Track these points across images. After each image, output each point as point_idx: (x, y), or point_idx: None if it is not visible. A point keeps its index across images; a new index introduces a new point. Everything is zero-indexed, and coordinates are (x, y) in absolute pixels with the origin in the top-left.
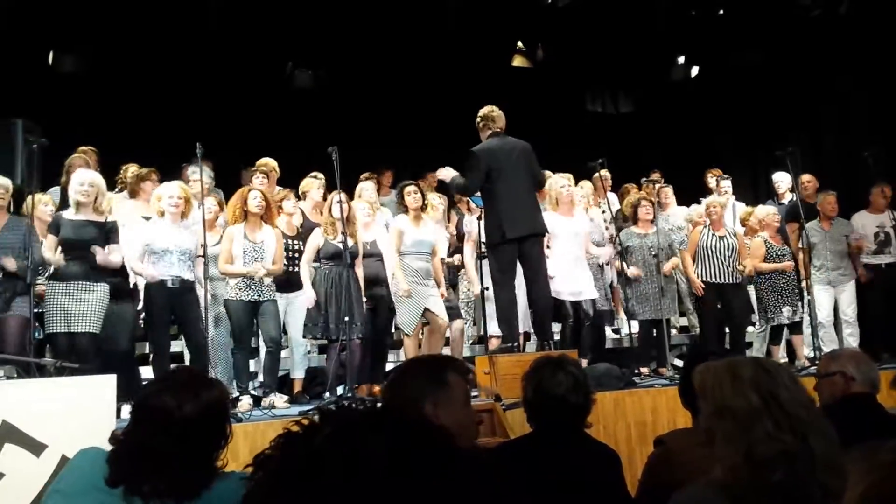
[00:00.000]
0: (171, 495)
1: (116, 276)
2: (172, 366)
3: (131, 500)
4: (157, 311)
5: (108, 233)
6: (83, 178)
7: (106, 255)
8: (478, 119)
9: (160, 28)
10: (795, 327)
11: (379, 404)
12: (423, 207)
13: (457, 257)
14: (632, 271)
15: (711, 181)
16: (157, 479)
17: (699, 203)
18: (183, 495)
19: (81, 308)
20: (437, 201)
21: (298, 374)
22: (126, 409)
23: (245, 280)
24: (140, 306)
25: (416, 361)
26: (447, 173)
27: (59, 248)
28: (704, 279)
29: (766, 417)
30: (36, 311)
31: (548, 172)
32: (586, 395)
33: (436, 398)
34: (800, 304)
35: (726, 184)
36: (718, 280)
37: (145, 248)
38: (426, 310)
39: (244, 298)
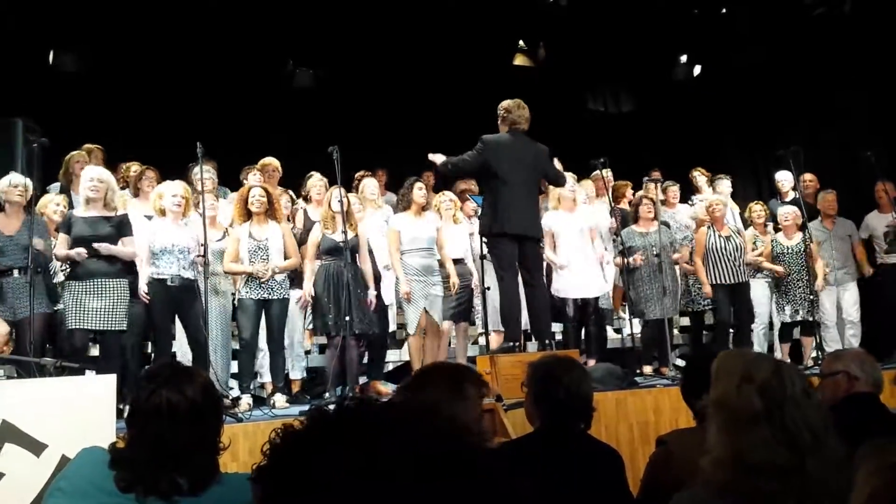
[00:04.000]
0: (188, 487)
1: (130, 275)
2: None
3: (144, 501)
4: (158, 310)
5: (119, 226)
6: (91, 174)
7: (110, 248)
8: (499, 110)
9: (160, 27)
10: (806, 328)
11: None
12: (426, 206)
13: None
14: (636, 258)
15: (700, 180)
16: (173, 474)
17: (688, 202)
18: (199, 484)
19: (103, 305)
20: (447, 203)
21: (297, 374)
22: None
23: (255, 278)
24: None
25: (436, 369)
26: (436, 157)
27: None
28: (713, 281)
29: (766, 426)
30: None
31: None
32: (589, 395)
33: (452, 409)
34: (808, 304)
35: (726, 184)
36: (728, 281)
37: (150, 247)
38: (425, 310)
39: (254, 297)
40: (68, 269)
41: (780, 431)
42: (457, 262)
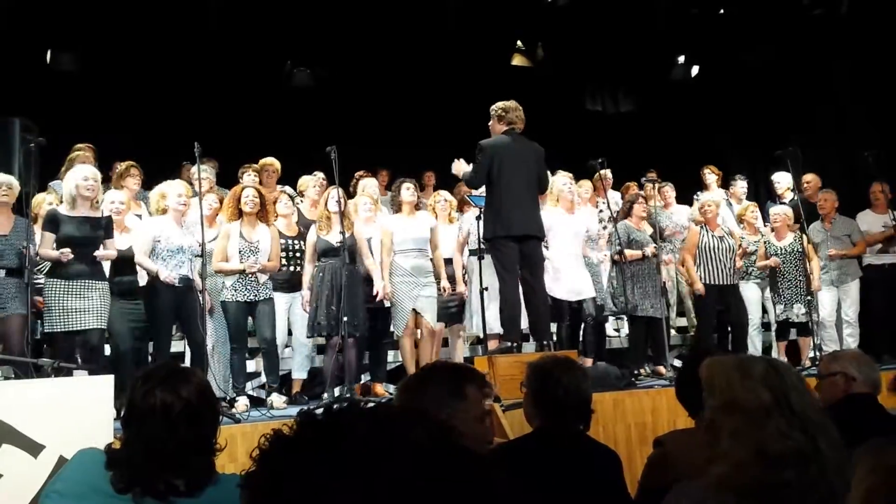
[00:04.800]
0: (184, 488)
1: (127, 275)
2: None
3: (141, 502)
4: (162, 310)
5: (105, 228)
6: (87, 173)
7: (105, 252)
8: (495, 110)
9: (159, 27)
10: (803, 328)
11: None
12: (418, 206)
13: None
14: (651, 249)
15: (710, 178)
16: (170, 475)
17: (694, 197)
18: (195, 485)
19: (86, 305)
20: (443, 203)
21: (300, 375)
22: None
23: (240, 280)
24: None
25: (436, 369)
26: (460, 167)
27: (56, 246)
28: (704, 280)
29: (778, 415)
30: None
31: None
32: (588, 396)
33: (452, 410)
34: (804, 304)
35: (741, 185)
36: (719, 281)
37: (155, 244)
38: (414, 310)
39: (240, 299)
40: (48, 269)
41: (793, 417)
42: (449, 261)
